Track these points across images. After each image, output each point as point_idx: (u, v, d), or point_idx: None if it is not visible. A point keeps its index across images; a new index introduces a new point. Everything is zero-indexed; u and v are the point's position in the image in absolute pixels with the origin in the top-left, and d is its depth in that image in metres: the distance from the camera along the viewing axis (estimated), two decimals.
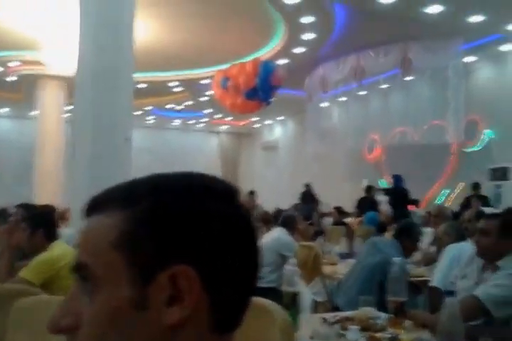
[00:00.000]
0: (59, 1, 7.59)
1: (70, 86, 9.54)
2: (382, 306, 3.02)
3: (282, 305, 2.14)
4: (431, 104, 9.49)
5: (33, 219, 2.82)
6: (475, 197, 7.93)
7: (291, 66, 9.93)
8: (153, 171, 0.60)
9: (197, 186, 0.57)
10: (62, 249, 2.73)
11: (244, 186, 15.84)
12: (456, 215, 5.30)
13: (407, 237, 3.36)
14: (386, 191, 9.20)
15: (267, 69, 8.64)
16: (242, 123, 16.66)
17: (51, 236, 2.79)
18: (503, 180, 8.90)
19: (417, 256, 4.26)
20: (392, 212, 8.06)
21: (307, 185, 11.09)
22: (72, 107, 9.83)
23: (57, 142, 10.51)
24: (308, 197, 10.56)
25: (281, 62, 9.91)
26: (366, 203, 8.90)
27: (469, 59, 9.61)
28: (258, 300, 1.77)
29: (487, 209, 4.31)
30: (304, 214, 7.77)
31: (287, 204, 11.01)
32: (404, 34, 8.52)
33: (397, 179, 9.05)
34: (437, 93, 9.49)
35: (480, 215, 4.07)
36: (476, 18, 7.78)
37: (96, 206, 0.57)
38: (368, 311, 2.31)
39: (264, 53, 9.82)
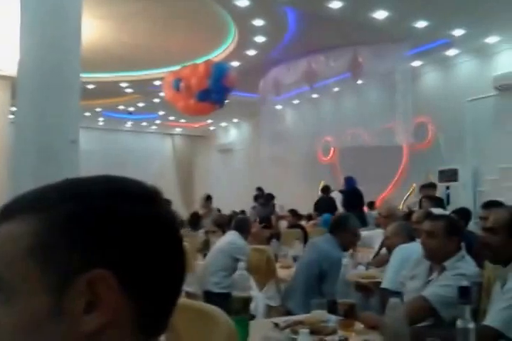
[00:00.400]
0: None
1: (14, 86, 9.20)
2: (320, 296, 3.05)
3: (234, 310, 2.11)
4: (381, 107, 9.72)
5: None
6: (425, 197, 8.14)
7: (244, 68, 9.93)
8: (105, 173, 0.59)
9: (114, 189, 0.55)
10: None
11: (199, 189, 15.76)
12: (407, 216, 5.41)
13: (343, 231, 3.38)
14: (341, 192, 9.33)
15: (219, 70, 8.60)
16: (196, 125, 16.53)
17: None
18: (451, 182, 9.17)
19: (368, 257, 4.31)
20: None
21: (259, 189, 11.14)
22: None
23: (0, 144, 10.08)
24: (263, 200, 10.58)
25: (234, 64, 9.90)
26: (324, 204, 9.03)
27: (416, 63, 9.90)
28: (203, 305, 1.72)
29: (435, 210, 4.40)
30: (261, 216, 7.77)
31: (243, 207, 10.98)
32: (353, 38, 8.68)
33: (350, 181, 9.21)
34: (386, 96, 9.72)
35: (428, 216, 4.17)
36: (421, 24, 8.01)
37: (6, 214, 0.54)
38: (319, 314, 2.30)
39: (216, 55, 9.78)
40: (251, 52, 9.60)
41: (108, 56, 9.58)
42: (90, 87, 11.01)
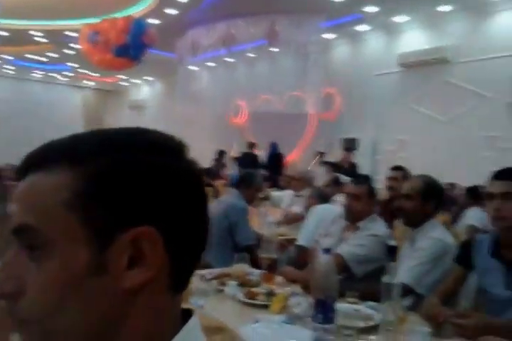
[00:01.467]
0: None
1: None
2: (235, 249, 3.30)
3: None
4: (293, 76, 10.07)
5: None
6: (328, 164, 8.73)
7: (162, 27, 9.72)
8: (12, 122, 0.53)
9: (150, 143, 0.54)
10: None
11: None
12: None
13: (248, 187, 3.58)
14: (260, 157, 9.71)
15: (139, 27, 8.39)
16: (109, 80, 15.94)
17: None
18: (352, 150, 9.83)
19: (278, 216, 4.67)
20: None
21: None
22: None
23: None
24: None
25: (153, 21, 9.66)
26: (248, 159, 9.37)
27: (330, 36, 10.30)
28: None
29: (342, 177, 4.81)
30: None
31: None
32: (273, 6, 8.81)
33: (274, 146, 9.61)
34: (299, 65, 10.08)
35: (337, 181, 4.60)
36: None
37: (35, 163, 0.52)
38: (242, 267, 2.51)
39: (135, 11, 9.46)
40: (171, 11, 9.41)
41: (21, 3, 8.90)
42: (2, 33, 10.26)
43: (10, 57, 13.22)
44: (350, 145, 9.59)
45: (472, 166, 7.28)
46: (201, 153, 11.90)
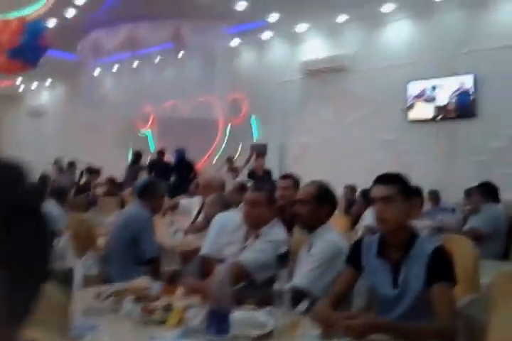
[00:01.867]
0: None
1: None
2: (139, 263, 3.21)
3: (55, 281, 2.17)
4: (200, 81, 10.07)
5: None
6: (235, 170, 8.81)
7: (61, 27, 9.29)
8: None
9: None
10: None
11: (9, 154, 14.33)
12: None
13: (152, 196, 3.46)
14: (172, 164, 9.50)
15: (34, 28, 7.98)
16: (3, 84, 14.90)
17: None
18: (264, 156, 9.95)
19: (186, 224, 4.61)
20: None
21: (56, 161, 10.78)
22: None
23: None
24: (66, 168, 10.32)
25: (51, 22, 9.21)
26: (160, 168, 9.12)
27: (236, 42, 10.42)
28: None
29: (247, 182, 4.84)
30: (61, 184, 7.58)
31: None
32: (178, 10, 8.75)
33: (181, 152, 9.40)
34: (206, 71, 10.11)
35: (242, 188, 4.62)
36: (241, 5, 8.47)
37: None
38: (142, 281, 2.43)
39: (31, 11, 8.95)
40: (70, 12, 9.02)
41: None
42: None
43: None
44: (260, 150, 9.73)
45: (369, 169, 7.69)
46: (107, 162, 11.61)
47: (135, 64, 11.41)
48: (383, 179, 1.99)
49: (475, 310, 2.06)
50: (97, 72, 11.62)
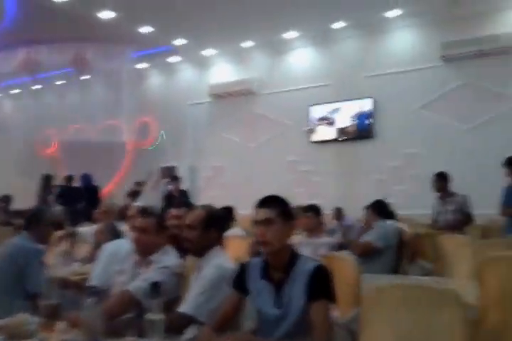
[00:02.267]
0: None
1: None
2: (26, 297, 3.02)
3: None
4: (106, 104, 9.89)
5: None
6: (132, 194, 8.58)
7: None
8: None
9: None
10: None
11: None
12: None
13: (38, 225, 3.28)
14: (83, 190, 9.06)
15: None
16: None
17: None
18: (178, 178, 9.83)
19: (84, 253, 4.40)
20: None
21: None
22: None
23: None
24: None
25: None
26: (71, 194, 8.66)
27: (142, 66, 10.35)
28: None
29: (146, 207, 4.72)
30: None
31: None
32: (80, 34, 8.57)
33: (87, 177, 9.06)
34: (112, 94, 9.94)
35: (145, 211, 4.48)
36: (146, 29, 8.46)
37: None
38: (22, 317, 2.29)
39: None
40: None
41: None
42: None
43: None
44: (169, 172, 9.61)
45: (279, 188, 7.85)
46: (7, 185, 10.93)
47: (36, 87, 10.96)
48: (263, 202, 2.02)
49: (357, 325, 2.12)
50: None
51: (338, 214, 6.81)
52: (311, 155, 8.74)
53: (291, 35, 8.83)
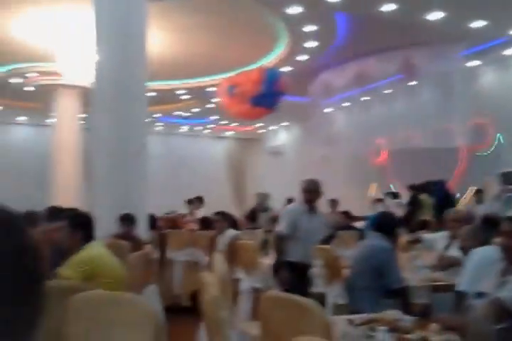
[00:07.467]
0: (74, 14, 7.71)
1: (84, 95, 9.64)
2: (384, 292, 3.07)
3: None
4: (435, 108, 9.53)
5: (74, 220, 3.03)
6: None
7: (294, 73, 10.02)
8: (162, 177, 0.53)
9: None
10: (98, 250, 2.96)
11: (252, 190, 15.91)
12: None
13: (391, 230, 3.57)
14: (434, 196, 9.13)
15: (271, 76, 8.72)
16: (247, 128, 16.80)
17: (88, 237, 2.98)
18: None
19: (432, 260, 4.26)
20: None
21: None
22: (87, 115, 9.94)
23: (72, 149, 10.57)
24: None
25: (285, 69, 10.00)
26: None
27: (473, 63, 9.68)
28: (299, 299, 1.82)
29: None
30: None
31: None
32: (406, 40, 8.60)
33: (441, 184, 9.05)
34: (442, 97, 9.53)
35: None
36: (478, 23, 7.86)
37: None
38: (393, 313, 2.35)
39: (268, 61, 9.92)
40: (302, 57, 9.69)
41: (167, 65, 9.85)
42: (150, 94, 11.37)
43: (159, 115, 14.58)
44: (510, 179, 8.67)
45: None
46: (342, 195, 11.80)
47: (364, 98, 11.55)
48: None
49: None
50: (328, 110, 12.10)
51: None
52: None
53: None
